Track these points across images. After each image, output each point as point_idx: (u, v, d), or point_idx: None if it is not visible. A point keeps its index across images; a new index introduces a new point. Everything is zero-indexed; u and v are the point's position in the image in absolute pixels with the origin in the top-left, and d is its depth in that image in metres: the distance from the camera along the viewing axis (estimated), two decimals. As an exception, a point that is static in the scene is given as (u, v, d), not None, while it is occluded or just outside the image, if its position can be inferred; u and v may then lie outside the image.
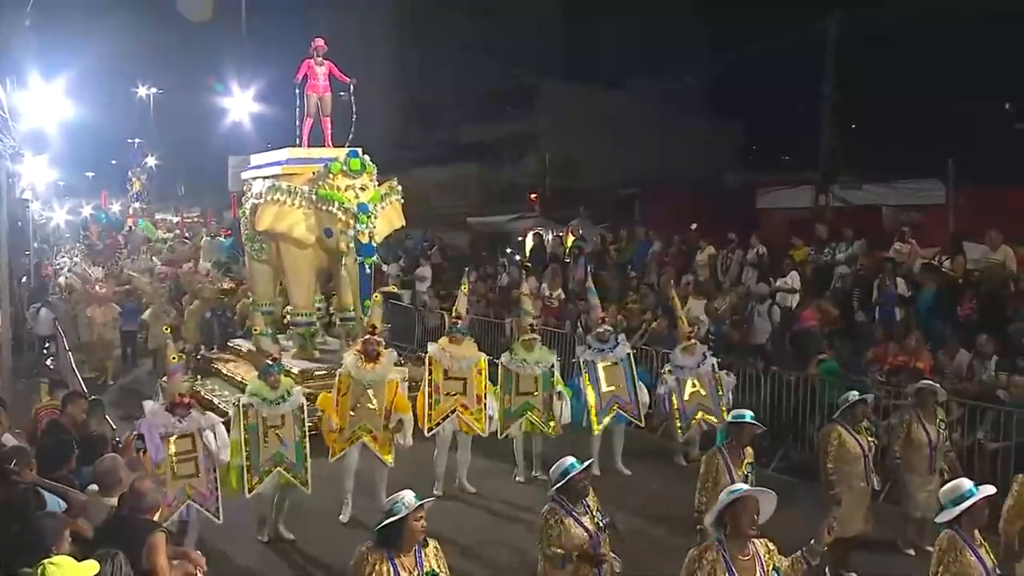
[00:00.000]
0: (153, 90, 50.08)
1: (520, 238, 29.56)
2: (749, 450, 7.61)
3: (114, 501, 6.30)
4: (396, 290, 11.12)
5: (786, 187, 24.33)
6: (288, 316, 14.86)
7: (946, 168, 19.34)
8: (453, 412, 10.76)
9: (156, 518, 6.12)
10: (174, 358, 9.00)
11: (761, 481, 7.90)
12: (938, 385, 9.36)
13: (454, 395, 10.79)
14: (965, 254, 14.03)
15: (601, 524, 6.24)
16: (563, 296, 17.70)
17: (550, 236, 27.04)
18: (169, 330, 11.12)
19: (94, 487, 6.73)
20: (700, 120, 42.57)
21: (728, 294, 15.70)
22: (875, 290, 14.02)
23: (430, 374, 10.85)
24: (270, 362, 9.69)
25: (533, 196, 35.32)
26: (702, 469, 7.50)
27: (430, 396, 10.77)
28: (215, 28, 47.52)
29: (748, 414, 7.62)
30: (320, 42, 14.89)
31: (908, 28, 25.93)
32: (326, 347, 14.86)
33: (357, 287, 13.53)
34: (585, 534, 6.17)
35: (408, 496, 5.29)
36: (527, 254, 25.48)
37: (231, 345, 16.24)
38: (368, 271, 13.45)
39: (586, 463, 6.34)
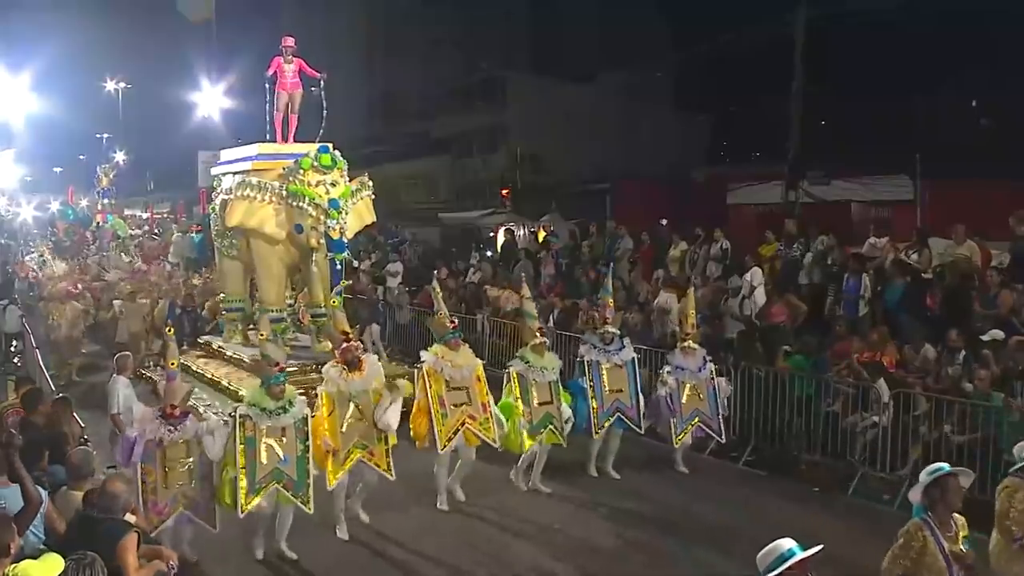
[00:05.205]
0: (122, 84, 49.68)
1: (491, 233, 29.54)
2: (961, 519, 5.77)
3: (80, 495, 6.23)
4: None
5: (756, 183, 24.42)
6: (257, 312, 14.77)
7: (914, 164, 19.49)
8: (463, 425, 9.88)
9: (145, 525, 5.99)
10: (173, 363, 8.49)
11: (732, 476, 7.67)
12: None
13: (460, 406, 9.91)
14: (931, 248, 14.13)
15: None
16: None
17: (521, 232, 26.99)
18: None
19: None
20: (670, 114, 42.66)
21: (701, 288, 15.70)
22: (846, 284, 14.08)
23: (429, 387, 9.81)
24: (277, 371, 8.59)
25: (505, 192, 35.32)
26: (900, 540, 5.66)
27: (437, 411, 9.76)
28: (185, 23, 47.28)
29: (945, 466, 5.85)
30: (290, 40, 14.85)
31: (876, 24, 26.09)
32: (296, 343, 14.80)
33: (328, 283, 13.49)
34: None
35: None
36: (498, 250, 25.44)
37: (200, 342, 16.19)
38: (339, 267, 13.42)
39: (811, 550, 4.70)
